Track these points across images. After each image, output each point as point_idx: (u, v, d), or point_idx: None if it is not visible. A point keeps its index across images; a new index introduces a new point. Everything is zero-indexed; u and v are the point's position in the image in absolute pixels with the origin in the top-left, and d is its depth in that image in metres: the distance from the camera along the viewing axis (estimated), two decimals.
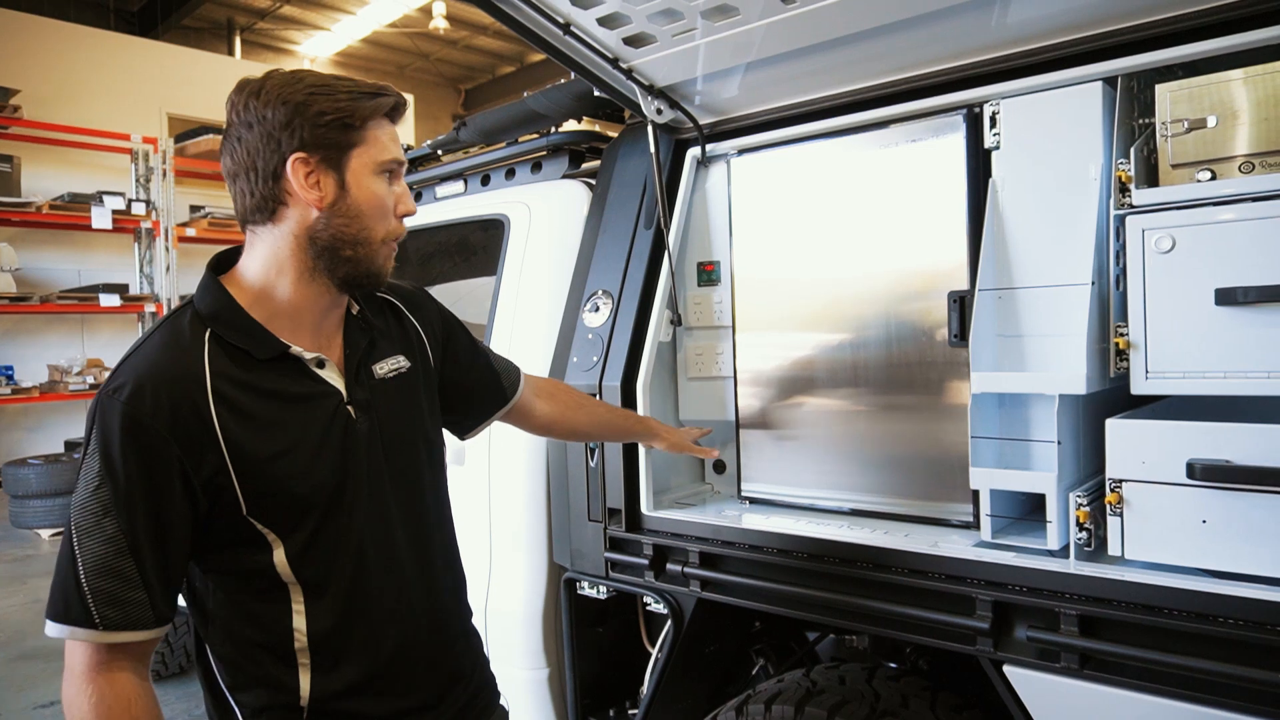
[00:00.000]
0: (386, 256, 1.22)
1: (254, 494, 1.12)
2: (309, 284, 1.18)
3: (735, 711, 1.74)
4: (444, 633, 1.33)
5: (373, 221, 1.18)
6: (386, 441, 1.25)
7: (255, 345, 1.15)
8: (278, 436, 1.14)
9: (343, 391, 1.21)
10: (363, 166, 1.16)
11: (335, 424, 1.19)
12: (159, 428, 1.06)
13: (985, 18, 1.56)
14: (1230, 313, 1.36)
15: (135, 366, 1.09)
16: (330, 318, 1.24)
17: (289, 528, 1.15)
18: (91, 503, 1.05)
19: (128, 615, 1.06)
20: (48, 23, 9.11)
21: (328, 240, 1.16)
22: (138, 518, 1.06)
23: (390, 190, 1.20)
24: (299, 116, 1.12)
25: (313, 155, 1.13)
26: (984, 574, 1.50)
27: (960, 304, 1.67)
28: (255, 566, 1.15)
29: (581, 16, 1.76)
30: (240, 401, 1.12)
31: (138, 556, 1.06)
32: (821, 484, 1.92)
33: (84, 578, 1.05)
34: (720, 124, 2.06)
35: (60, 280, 8.55)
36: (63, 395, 8.04)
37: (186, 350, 1.12)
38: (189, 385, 1.09)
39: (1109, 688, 1.35)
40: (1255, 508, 1.29)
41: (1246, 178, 1.39)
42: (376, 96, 1.17)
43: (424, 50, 13.92)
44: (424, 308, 1.43)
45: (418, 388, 1.35)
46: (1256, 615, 1.24)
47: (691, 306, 2.14)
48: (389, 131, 1.20)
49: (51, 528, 6.93)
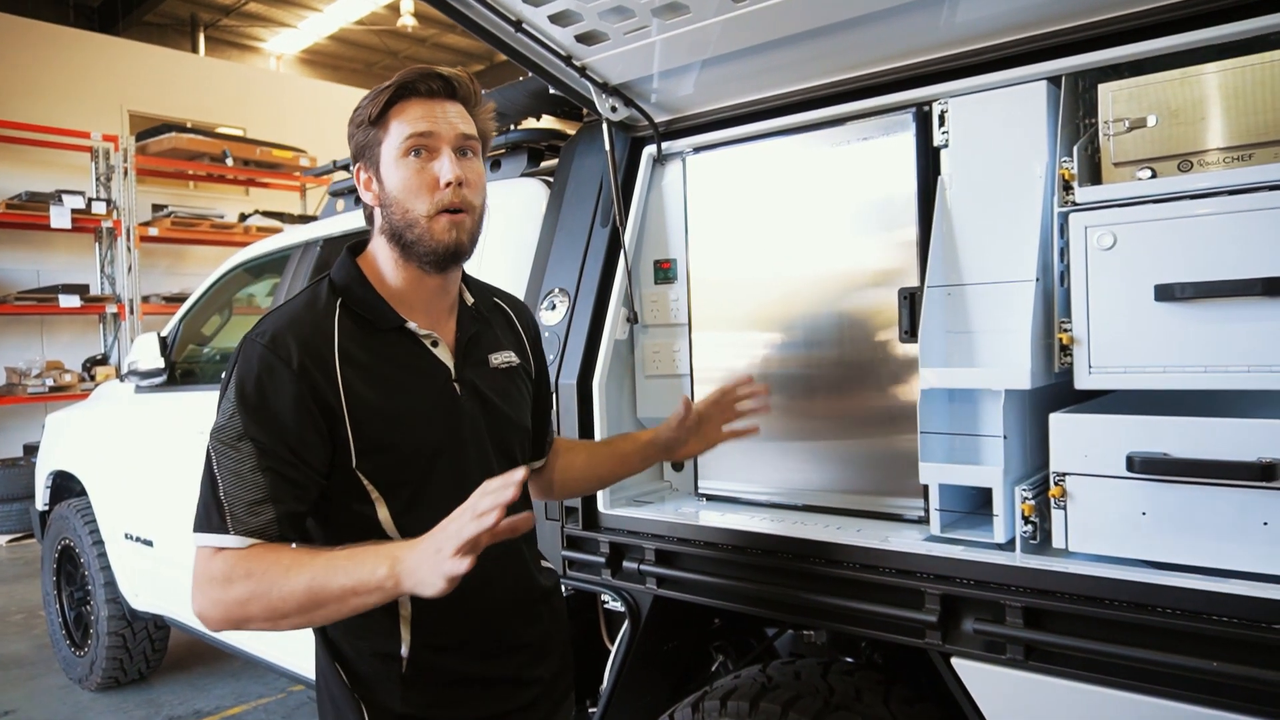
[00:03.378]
0: (445, 228, 1.27)
1: (363, 447, 1.24)
2: (405, 269, 1.32)
3: (691, 708, 1.75)
4: (536, 606, 1.44)
5: (410, 202, 1.26)
6: (492, 421, 1.37)
7: (377, 316, 1.30)
8: (390, 396, 1.27)
9: (451, 369, 1.34)
10: (389, 156, 1.27)
11: (442, 397, 1.32)
12: (292, 369, 1.20)
13: (934, 17, 1.58)
14: (1169, 308, 1.38)
15: (278, 319, 1.26)
16: (440, 302, 1.36)
17: (391, 485, 1.27)
18: (227, 429, 1.19)
19: (263, 527, 1.16)
20: (3, 18, 8.92)
21: (391, 231, 1.29)
22: (270, 443, 1.18)
23: (423, 166, 1.26)
24: (351, 131, 1.30)
25: (362, 162, 1.31)
26: (932, 568, 1.51)
27: (910, 300, 1.69)
28: (364, 522, 1.26)
29: (533, 14, 1.75)
30: (362, 360, 1.26)
31: (269, 476, 1.17)
32: (778, 481, 1.93)
33: (222, 492, 1.17)
34: (675, 122, 2.06)
35: (18, 281, 8.37)
36: (21, 398, 7.88)
37: (321, 311, 1.28)
38: (320, 339, 1.24)
39: (1053, 678, 1.37)
40: (1192, 500, 1.32)
41: (1184, 176, 1.41)
42: (389, 86, 1.27)
43: (392, 48, 13.80)
44: (533, 329, 1.57)
45: (523, 382, 1.48)
46: (1193, 605, 1.26)
47: (648, 304, 2.14)
48: (414, 111, 1.26)
49: (8, 533, 6.79)
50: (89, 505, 3.81)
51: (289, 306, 1.29)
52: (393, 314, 1.31)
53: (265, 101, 10.84)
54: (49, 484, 4.17)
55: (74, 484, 3.99)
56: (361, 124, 1.29)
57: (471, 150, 1.32)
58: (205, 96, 10.26)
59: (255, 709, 3.67)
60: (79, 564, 3.90)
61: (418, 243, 1.28)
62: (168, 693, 3.83)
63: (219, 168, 9.21)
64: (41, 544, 4.24)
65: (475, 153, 1.33)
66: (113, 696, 3.82)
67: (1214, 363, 1.34)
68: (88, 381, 8.07)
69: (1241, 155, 1.38)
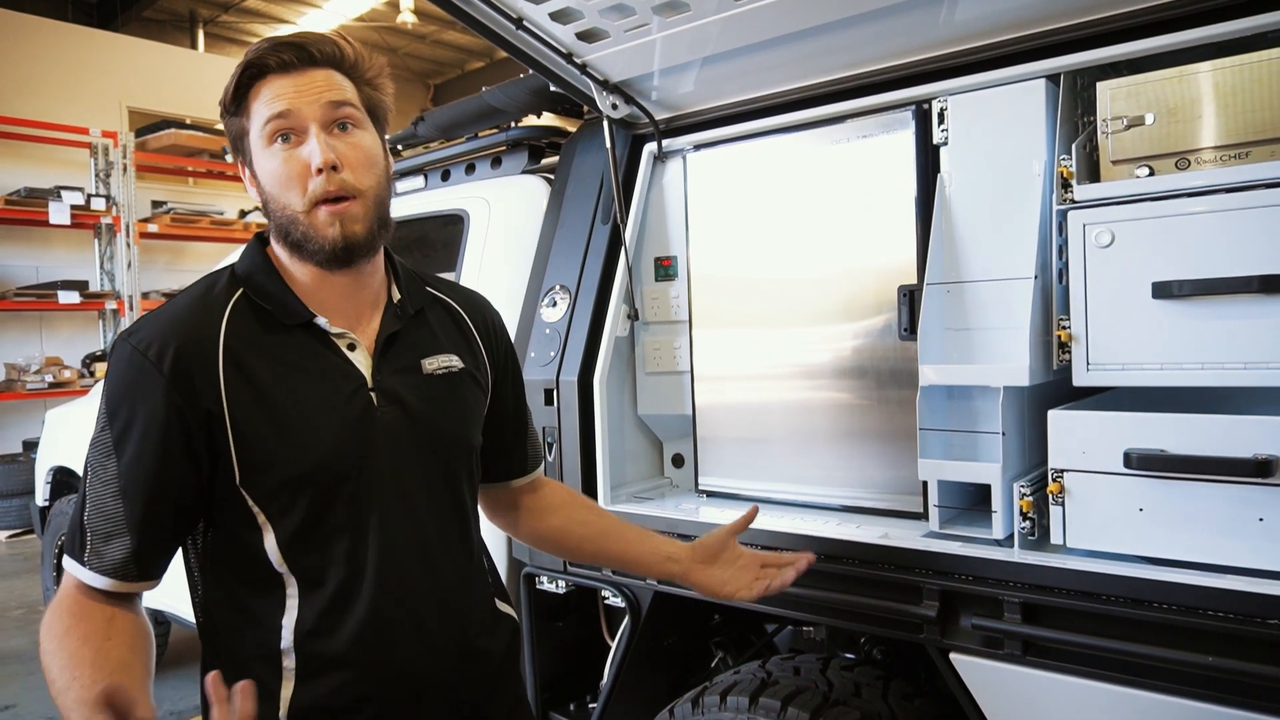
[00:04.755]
0: (326, 222, 1.09)
1: (249, 463, 1.07)
2: (303, 266, 1.15)
3: (691, 703, 1.76)
4: (477, 664, 1.21)
5: (283, 195, 1.10)
6: (423, 437, 1.18)
7: (280, 309, 1.13)
8: (284, 403, 1.09)
9: (367, 376, 1.15)
10: (255, 147, 1.11)
11: (351, 406, 1.13)
12: (162, 375, 1.05)
13: (934, 15, 1.59)
14: (1166, 306, 1.39)
15: (156, 317, 1.10)
16: (356, 299, 1.18)
17: (281, 507, 1.09)
18: (99, 442, 1.07)
19: (117, 564, 1.05)
20: (2, 14, 8.91)
21: (277, 229, 1.13)
22: (132, 461, 1.05)
23: (292, 153, 1.08)
24: (224, 123, 1.14)
25: (238, 156, 1.15)
26: (931, 564, 1.52)
27: (910, 298, 1.70)
28: (249, 551, 1.10)
29: (534, 11, 1.76)
30: (251, 364, 1.09)
31: (127, 500, 1.04)
32: (778, 477, 1.93)
33: (86, 516, 1.06)
34: (676, 119, 2.06)
35: (17, 277, 8.37)
36: (20, 394, 7.88)
37: (209, 307, 1.11)
38: (201, 340, 1.08)
39: (1050, 673, 1.38)
40: (1189, 496, 1.33)
41: (1182, 174, 1.42)
42: (244, 65, 1.09)
43: (392, 45, 13.79)
44: (492, 327, 1.36)
45: (467, 389, 1.26)
46: (1189, 600, 1.27)
47: (649, 301, 2.14)
48: (271, 90, 1.08)
49: (8, 529, 6.80)
50: None
51: (175, 300, 1.14)
52: (300, 307, 1.13)
53: None
54: (50, 480, 4.18)
55: (75, 480, 3.99)
56: (226, 114, 1.12)
57: (352, 122, 1.11)
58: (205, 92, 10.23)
59: None
60: None
61: (304, 241, 1.10)
62: (169, 688, 3.84)
63: (218, 164, 9.21)
64: (41, 539, 4.25)
65: (358, 123, 1.12)
66: None
67: (1211, 360, 1.35)
68: (87, 377, 8.08)
69: (1239, 153, 1.39)
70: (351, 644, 1.11)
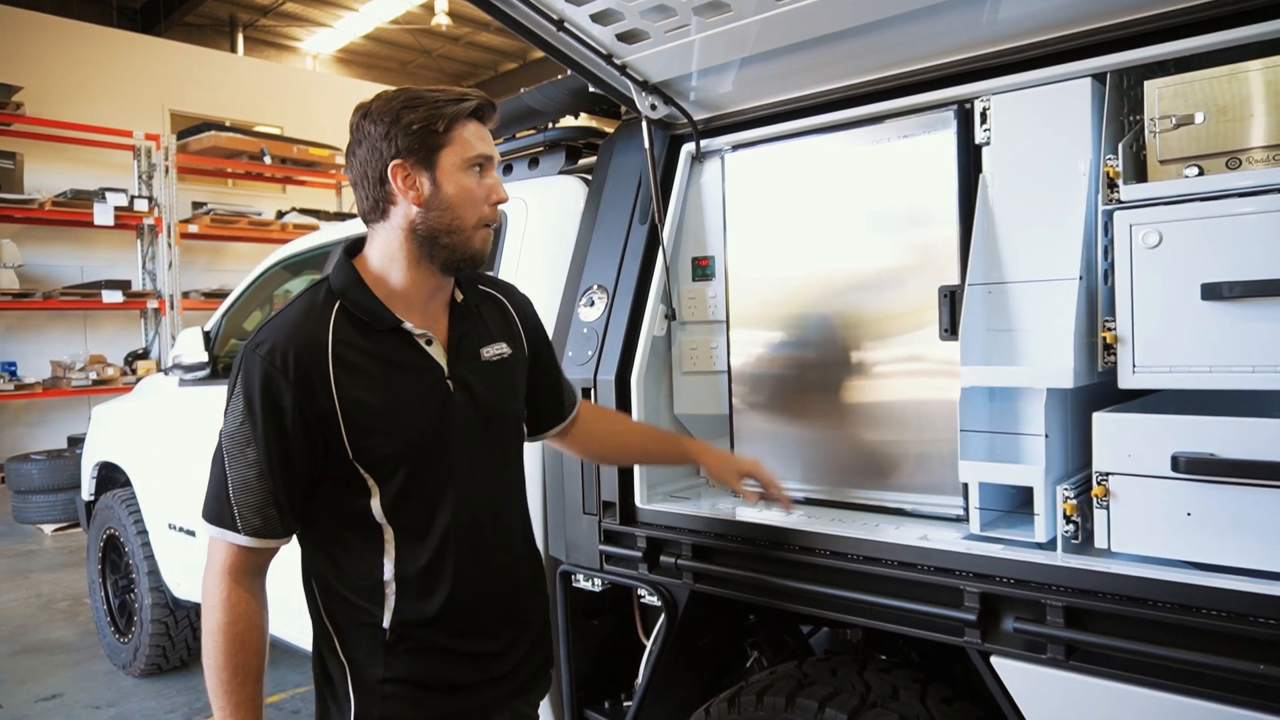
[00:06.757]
0: (482, 240, 1.40)
1: (358, 442, 1.33)
2: (416, 269, 1.39)
3: (728, 703, 1.76)
4: (517, 586, 1.53)
5: (464, 211, 1.36)
6: (485, 415, 1.45)
7: (373, 318, 1.37)
8: (382, 395, 1.35)
9: (444, 367, 1.41)
10: (452, 164, 1.35)
11: (434, 393, 1.39)
12: (288, 379, 1.29)
13: (976, 14, 1.57)
14: (1216, 307, 1.37)
15: (274, 329, 1.33)
16: (436, 300, 1.44)
17: (384, 476, 1.36)
18: (237, 434, 1.30)
19: (265, 526, 1.31)
20: (50, 20, 9.14)
21: (427, 231, 1.35)
22: (271, 449, 1.29)
23: (480, 182, 1.38)
24: (394, 128, 1.32)
25: (407, 160, 1.33)
26: (972, 566, 1.51)
27: (951, 298, 1.69)
28: (357, 508, 1.37)
29: (575, 13, 1.77)
30: (355, 363, 1.34)
31: (272, 480, 1.30)
32: (815, 477, 1.93)
33: (232, 493, 1.30)
34: (714, 119, 2.07)
35: (63, 277, 8.59)
36: (65, 391, 8.08)
37: (317, 318, 1.35)
38: (314, 348, 1.32)
39: (1094, 678, 1.36)
40: (1238, 500, 1.30)
41: (1233, 174, 1.40)
42: (460, 102, 1.35)
43: (426, 47, 13.93)
44: (526, 310, 1.64)
45: (515, 372, 1.55)
46: (1238, 607, 1.25)
47: (686, 301, 2.15)
48: (475, 131, 1.37)
49: (54, 523, 6.97)
50: (134, 496, 3.89)
51: (285, 315, 1.36)
52: (389, 315, 1.38)
53: (302, 100, 11.01)
54: (95, 475, 4.27)
55: (119, 475, 4.08)
56: (423, 127, 1.32)
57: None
58: (244, 96, 10.44)
59: (292, 697, 3.73)
60: (123, 553, 3.99)
61: (452, 247, 1.37)
62: (187, 690, 3.87)
63: (257, 165, 9.37)
64: (87, 533, 4.34)
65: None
66: (155, 683, 3.90)
67: (1262, 363, 1.33)
68: (129, 375, 8.26)
69: None
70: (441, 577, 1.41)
